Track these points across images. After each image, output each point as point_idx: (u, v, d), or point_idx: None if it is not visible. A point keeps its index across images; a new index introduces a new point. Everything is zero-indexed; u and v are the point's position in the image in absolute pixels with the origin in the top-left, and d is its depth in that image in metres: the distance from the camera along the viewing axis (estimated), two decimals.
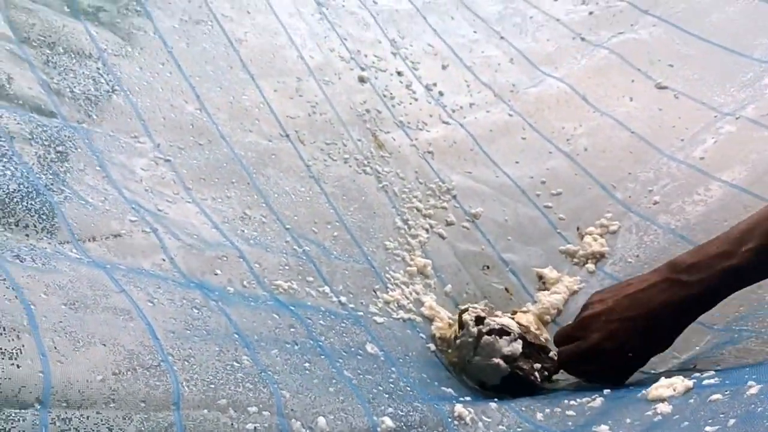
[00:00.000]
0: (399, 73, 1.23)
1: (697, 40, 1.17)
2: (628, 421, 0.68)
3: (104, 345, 0.65)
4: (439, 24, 1.33)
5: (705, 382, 0.68)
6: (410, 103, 1.19)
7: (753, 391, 0.60)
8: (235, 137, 1.04)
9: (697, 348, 0.86)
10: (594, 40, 1.25)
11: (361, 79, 1.19)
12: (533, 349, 0.90)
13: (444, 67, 1.27)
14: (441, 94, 1.22)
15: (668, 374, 0.80)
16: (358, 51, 1.24)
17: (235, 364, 0.71)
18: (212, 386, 0.66)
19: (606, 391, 0.80)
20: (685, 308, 0.76)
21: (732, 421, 0.56)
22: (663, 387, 0.71)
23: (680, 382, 0.70)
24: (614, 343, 0.80)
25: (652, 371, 0.86)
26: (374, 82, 1.20)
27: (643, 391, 0.73)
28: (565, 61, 1.25)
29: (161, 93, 1.04)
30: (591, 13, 1.29)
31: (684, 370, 0.82)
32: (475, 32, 1.32)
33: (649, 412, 0.68)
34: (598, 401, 0.78)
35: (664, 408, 0.67)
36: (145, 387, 0.63)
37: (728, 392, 0.62)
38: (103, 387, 0.60)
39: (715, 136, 1.04)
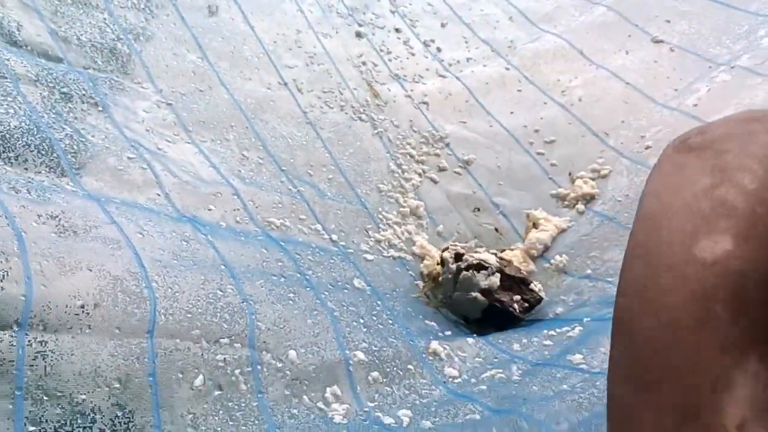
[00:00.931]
0: (397, 30, 1.18)
1: None
2: (603, 350, 0.65)
3: (90, 270, 0.62)
4: None
5: None
6: (407, 58, 1.14)
7: None
8: (234, 84, 1.01)
9: None
10: None
11: (358, 35, 1.14)
12: (513, 282, 0.86)
13: (443, 25, 1.21)
14: (439, 49, 1.17)
15: None
16: (356, 8, 1.19)
17: (218, 292, 0.68)
18: (189, 315, 0.64)
19: (586, 320, 0.77)
20: None
21: None
22: None
23: None
24: None
25: None
26: (371, 38, 1.15)
27: None
28: (563, 19, 1.18)
29: (165, 42, 1.00)
30: None
31: None
32: None
33: None
34: (577, 330, 0.75)
35: None
36: (122, 314, 0.60)
37: None
38: (81, 312, 0.58)
39: (709, 85, 0.98)
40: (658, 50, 1.09)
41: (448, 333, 0.80)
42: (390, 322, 0.77)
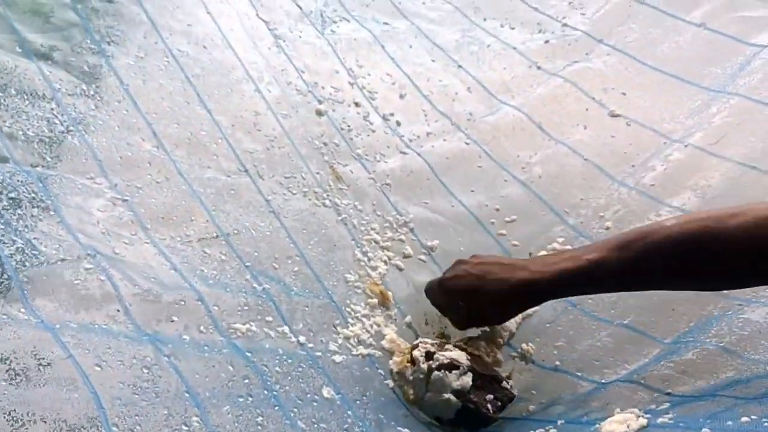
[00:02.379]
0: (356, 104, 1.16)
1: (649, 69, 1.12)
2: None
3: (44, 422, 0.58)
4: (398, 52, 1.25)
5: (659, 420, 0.65)
6: (368, 135, 1.12)
7: None
8: (193, 173, 0.97)
9: (646, 360, 0.82)
10: (549, 68, 1.19)
11: (319, 113, 1.12)
12: (485, 380, 0.85)
13: (402, 96, 1.20)
14: (398, 123, 1.16)
15: (616, 387, 0.80)
16: (316, 83, 1.16)
17: (183, 427, 0.64)
18: None
19: (560, 422, 0.76)
20: (520, 293, 0.81)
21: None
22: (616, 422, 0.68)
23: (634, 420, 0.66)
24: (459, 282, 0.85)
25: (603, 381, 0.83)
26: (332, 114, 1.13)
27: (597, 425, 0.69)
28: (521, 90, 1.18)
29: (117, 131, 0.96)
30: (547, 41, 1.23)
31: (631, 382, 0.80)
32: (433, 61, 1.25)
33: None
34: None
35: None
36: None
37: None
38: None
39: (665, 164, 1.00)
40: (615, 124, 1.10)
41: None
42: None
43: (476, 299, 0.83)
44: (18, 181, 0.84)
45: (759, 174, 0.92)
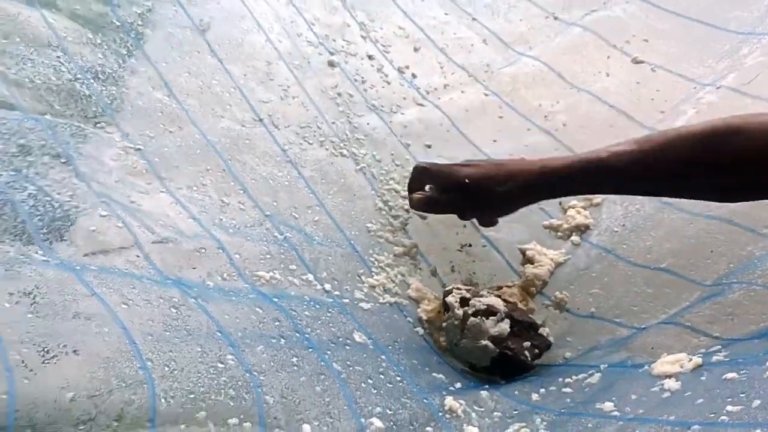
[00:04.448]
0: (370, 57, 1.14)
1: (671, 15, 1.11)
2: (634, 397, 0.63)
3: (77, 354, 0.56)
4: (409, 6, 1.24)
5: (714, 358, 0.62)
6: (383, 87, 1.11)
7: None
8: (206, 123, 0.95)
9: (687, 303, 0.80)
10: (567, 18, 1.18)
11: (331, 64, 1.10)
12: (522, 327, 0.83)
13: (416, 50, 1.18)
14: (414, 76, 1.14)
15: (659, 331, 0.77)
16: (326, 35, 1.14)
17: (219, 365, 0.63)
18: (191, 396, 0.58)
19: (603, 366, 0.74)
20: (533, 179, 0.74)
21: (757, 402, 0.50)
22: (668, 363, 0.66)
23: (687, 360, 0.64)
24: (470, 171, 0.77)
25: (642, 326, 0.81)
26: (344, 66, 1.11)
27: (646, 367, 0.68)
28: (538, 40, 1.17)
29: (126, 80, 0.94)
30: None
31: (675, 324, 0.77)
32: (446, 14, 1.23)
33: (656, 389, 0.62)
34: (596, 377, 0.72)
35: (672, 384, 0.61)
36: (119, 403, 0.54)
37: (744, 371, 0.56)
38: (72, 407, 0.52)
39: (696, 106, 0.98)
40: (640, 71, 1.09)
41: (458, 385, 0.77)
42: (398, 379, 0.74)
43: (492, 185, 0.76)
44: (26, 128, 0.82)
45: None
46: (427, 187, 0.81)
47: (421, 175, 0.82)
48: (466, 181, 0.76)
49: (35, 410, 0.51)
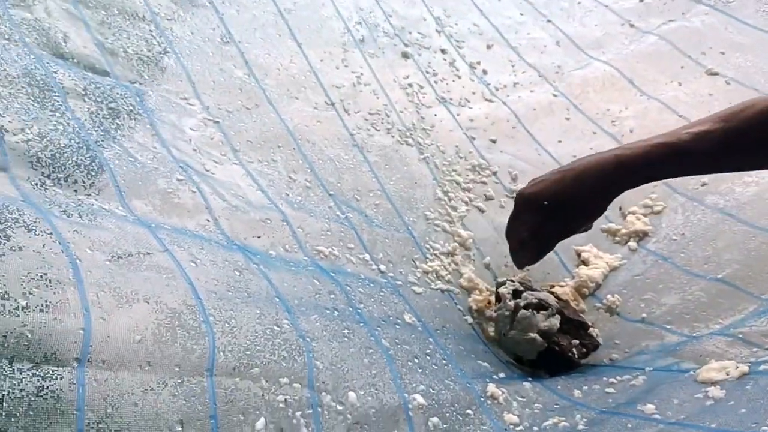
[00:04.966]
0: (443, 51, 1.16)
1: (750, 29, 1.09)
2: (676, 401, 0.63)
3: (147, 302, 0.60)
4: (486, 5, 1.25)
5: (761, 368, 0.62)
6: (453, 81, 1.13)
7: None
8: (282, 103, 0.99)
9: (742, 315, 0.79)
10: (643, 26, 1.17)
11: (405, 55, 1.12)
12: (571, 325, 0.84)
13: (489, 47, 1.19)
14: (485, 72, 1.15)
15: (710, 340, 0.76)
16: (403, 27, 1.17)
17: (275, 328, 0.66)
18: (248, 353, 0.61)
19: (648, 369, 0.74)
20: (609, 170, 0.70)
21: None
22: (714, 370, 0.65)
23: (734, 367, 0.64)
24: (537, 188, 0.75)
25: (693, 335, 0.80)
26: (417, 58, 1.13)
27: (691, 372, 0.67)
28: (612, 46, 1.17)
29: (211, 57, 0.99)
30: (641, 0, 1.21)
31: (727, 335, 0.76)
32: (521, 14, 1.24)
33: (699, 395, 0.62)
34: (641, 379, 0.72)
35: (716, 392, 0.61)
36: (181, 350, 0.58)
37: None
38: (140, 348, 0.56)
39: None
40: (713, 83, 1.07)
41: (502, 375, 0.78)
42: (444, 362, 0.76)
43: (566, 191, 0.73)
44: (117, 94, 0.87)
45: None
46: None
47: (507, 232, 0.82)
48: (545, 203, 0.75)
49: (107, 347, 0.55)
